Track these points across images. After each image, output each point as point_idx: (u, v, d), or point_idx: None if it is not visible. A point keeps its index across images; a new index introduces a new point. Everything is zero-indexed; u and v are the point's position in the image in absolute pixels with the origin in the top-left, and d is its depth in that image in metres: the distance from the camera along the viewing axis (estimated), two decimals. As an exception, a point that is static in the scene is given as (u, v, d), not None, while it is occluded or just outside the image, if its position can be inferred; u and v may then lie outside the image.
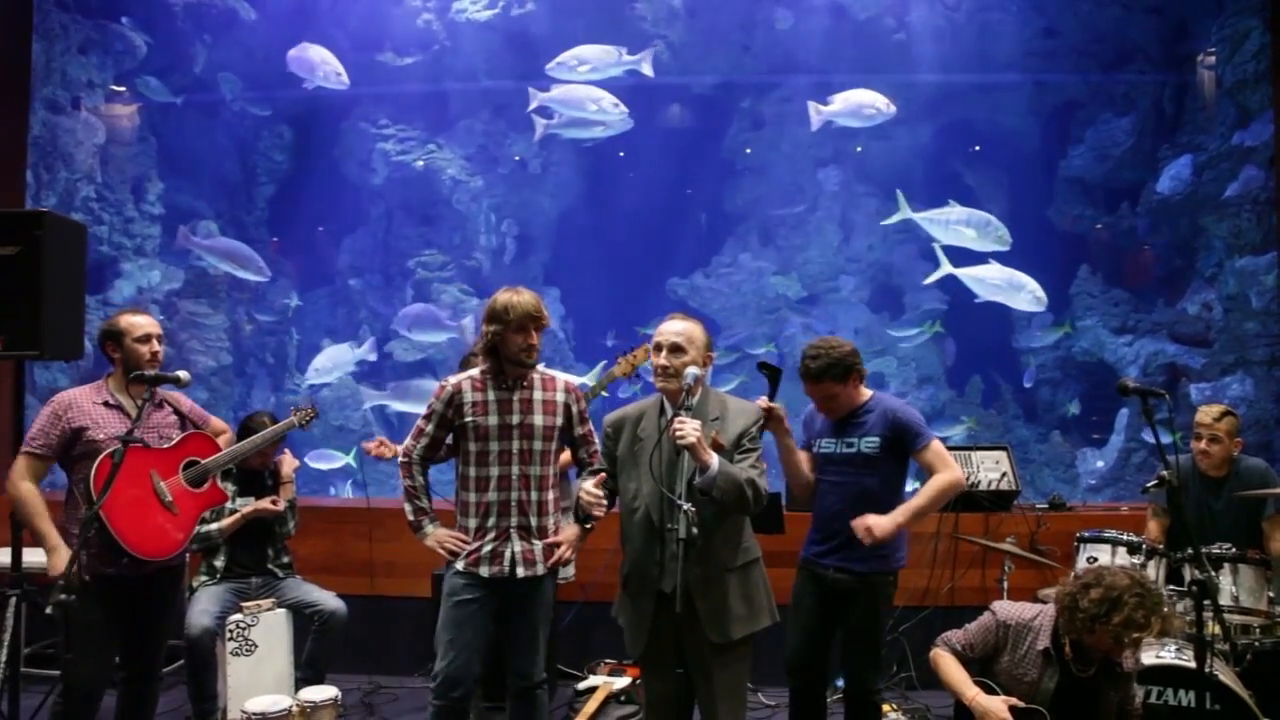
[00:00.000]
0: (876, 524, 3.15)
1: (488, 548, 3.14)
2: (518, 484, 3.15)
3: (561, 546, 3.21)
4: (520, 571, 3.14)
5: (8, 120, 6.15)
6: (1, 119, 6.10)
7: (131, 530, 3.20)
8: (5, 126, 6.13)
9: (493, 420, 3.15)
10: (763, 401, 3.24)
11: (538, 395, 3.21)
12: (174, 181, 8.73)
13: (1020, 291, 7.57)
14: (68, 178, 7.71)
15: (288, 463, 4.34)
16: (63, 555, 3.18)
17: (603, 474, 2.99)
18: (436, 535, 3.20)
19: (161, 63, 8.55)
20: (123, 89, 8.39)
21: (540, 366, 3.30)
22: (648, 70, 7.86)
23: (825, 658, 3.45)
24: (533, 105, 7.96)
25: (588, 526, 3.28)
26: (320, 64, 7.96)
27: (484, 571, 3.13)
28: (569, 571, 4.42)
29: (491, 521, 3.14)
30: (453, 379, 3.24)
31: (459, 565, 3.16)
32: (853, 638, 3.36)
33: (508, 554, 3.13)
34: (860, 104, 7.87)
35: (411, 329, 8.56)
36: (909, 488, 3.54)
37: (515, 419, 3.16)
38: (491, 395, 3.17)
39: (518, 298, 3.14)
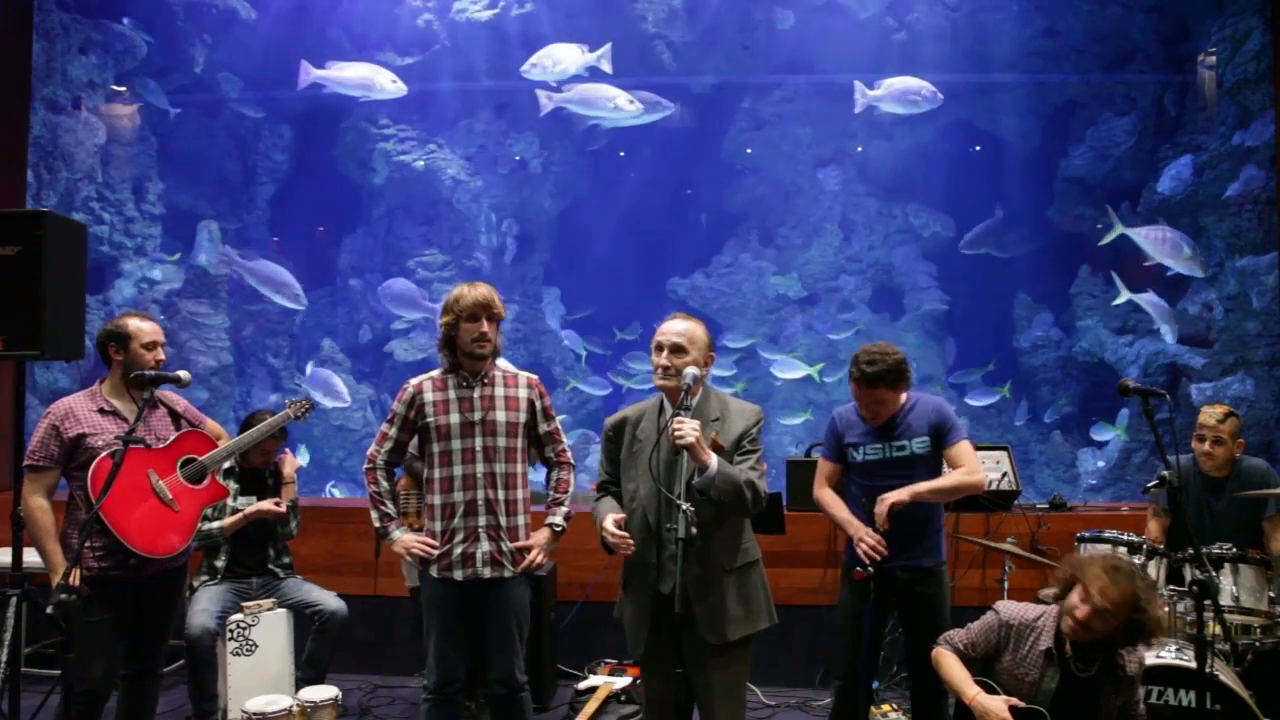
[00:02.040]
0: (891, 496, 3.20)
1: (458, 550, 3.11)
2: (483, 482, 3.12)
3: (533, 552, 3.19)
4: (487, 573, 3.12)
5: (8, 120, 6.15)
6: (2, 119, 6.10)
7: (134, 530, 3.20)
8: (6, 126, 6.13)
9: (454, 418, 3.13)
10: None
11: (499, 391, 3.19)
12: (174, 181, 8.75)
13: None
14: (68, 177, 7.72)
15: (289, 463, 4.34)
16: (57, 576, 3.17)
17: (622, 516, 2.88)
18: (403, 541, 3.17)
19: (161, 63, 8.57)
20: (123, 89, 8.40)
21: (502, 363, 3.28)
22: (606, 66, 7.89)
23: (876, 660, 3.48)
24: (548, 108, 7.94)
25: (558, 530, 3.27)
26: (374, 77, 7.90)
27: (458, 575, 3.11)
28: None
29: (458, 522, 3.11)
30: (413, 380, 3.22)
31: (433, 572, 3.14)
32: (927, 634, 3.33)
33: (477, 555, 3.12)
34: (906, 89, 7.85)
35: (393, 303, 8.66)
36: None
37: (477, 415, 3.14)
38: (452, 394, 3.15)
39: (470, 289, 3.14)
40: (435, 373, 3.23)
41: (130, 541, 3.18)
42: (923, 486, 3.25)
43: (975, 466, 3.35)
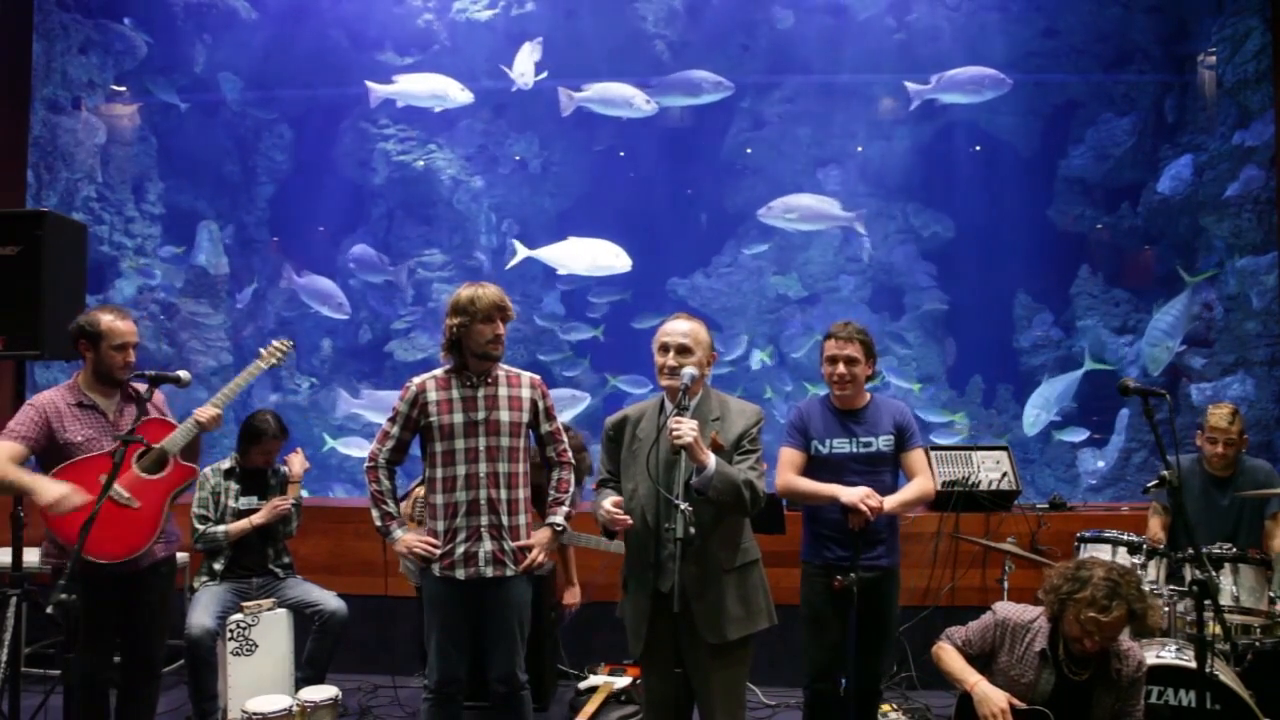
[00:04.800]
0: (885, 501, 3.25)
1: (460, 549, 3.11)
2: (485, 482, 3.12)
3: (534, 551, 3.20)
4: (489, 572, 3.12)
5: (8, 120, 6.16)
6: (2, 119, 6.11)
7: (91, 540, 2.92)
8: (6, 126, 6.13)
9: (458, 418, 3.13)
10: None
11: (503, 391, 3.20)
12: (174, 181, 8.74)
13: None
14: (68, 178, 7.71)
15: (298, 461, 4.33)
16: (52, 488, 3.03)
17: (620, 499, 2.88)
18: (405, 540, 3.17)
19: (162, 63, 8.57)
20: (123, 89, 8.40)
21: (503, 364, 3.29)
22: (535, 53, 8.01)
23: (844, 659, 3.49)
24: (569, 108, 8.02)
25: (559, 530, 3.27)
26: (444, 87, 7.96)
27: (460, 574, 3.12)
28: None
29: (460, 522, 3.11)
30: (416, 379, 3.22)
31: (435, 571, 3.14)
32: (874, 632, 3.38)
33: (480, 554, 3.12)
34: (969, 78, 7.83)
35: (357, 267, 8.82)
36: None
37: (480, 415, 3.14)
38: (456, 393, 3.16)
39: (482, 290, 3.14)
40: (438, 371, 3.23)
41: (89, 552, 2.99)
42: (894, 501, 3.31)
43: (929, 475, 3.47)
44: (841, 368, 3.38)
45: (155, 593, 3.40)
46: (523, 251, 8.09)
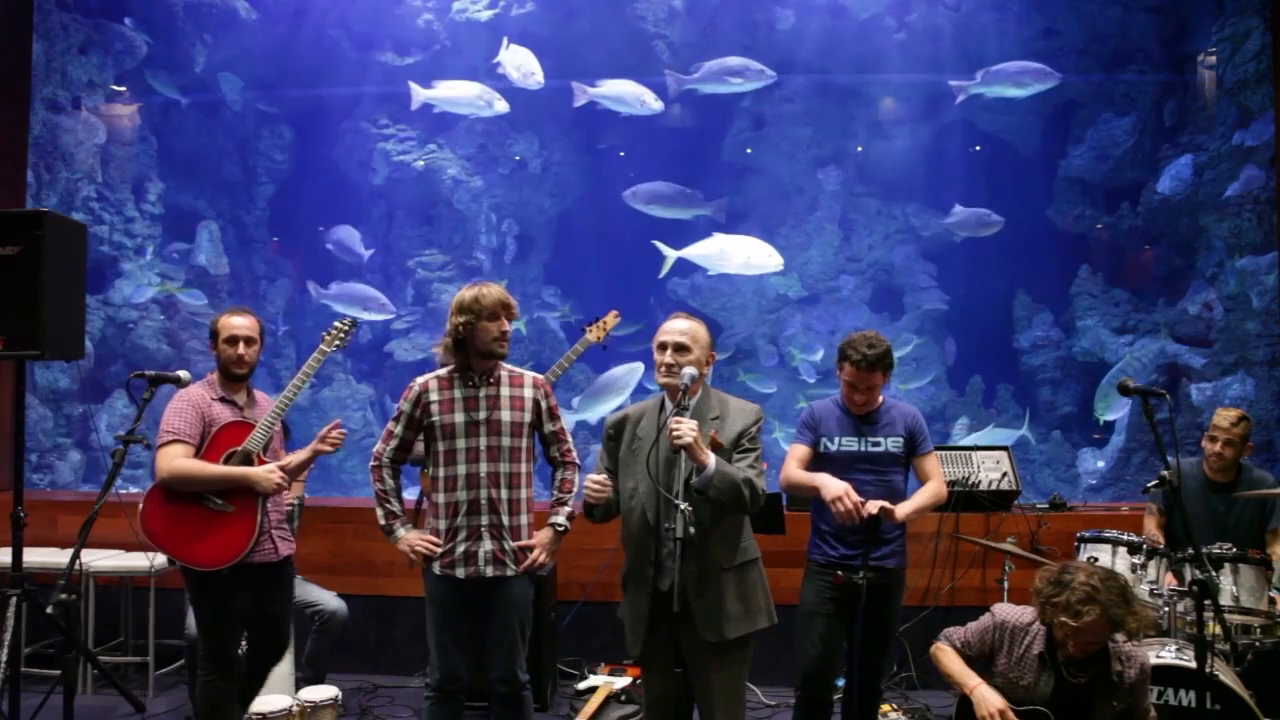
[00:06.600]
0: (898, 509, 3.25)
1: (460, 548, 3.13)
2: (486, 481, 3.13)
3: (535, 551, 3.20)
4: (489, 571, 3.13)
5: (8, 120, 6.16)
6: (2, 119, 6.11)
7: (187, 549, 3.29)
8: (5, 126, 6.14)
9: (459, 417, 3.14)
10: None
11: (505, 391, 3.21)
12: (174, 181, 8.74)
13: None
14: (68, 177, 7.71)
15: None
16: (269, 471, 3.32)
17: (606, 474, 2.99)
18: (407, 539, 3.19)
19: (162, 63, 8.57)
20: (123, 89, 8.41)
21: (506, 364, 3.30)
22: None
23: (840, 661, 3.49)
24: (582, 101, 8.07)
25: (560, 530, 3.28)
26: (483, 95, 8.02)
27: (460, 573, 3.13)
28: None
29: (461, 521, 3.13)
30: (419, 379, 3.24)
31: (435, 569, 3.15)
32: (877, 634, 3.38)
33: (480, 553, 3.13)
34: (1013, 72, 7.80)
35: (336, 249, 8.84)
36: None
37: (482, 415, 3.15)
38: (458, 393, 3.17)
39: (486, 289, 3.17)
40: (442, 371, 3.25)
41: (188, 560, 3.28)
42: (908, 508, 3.30)
43: (941, 480, 3.47)
44: (860, 396, 3.38)
45: (285, 588, 3.60)
46: (671, 254, 7.88)
